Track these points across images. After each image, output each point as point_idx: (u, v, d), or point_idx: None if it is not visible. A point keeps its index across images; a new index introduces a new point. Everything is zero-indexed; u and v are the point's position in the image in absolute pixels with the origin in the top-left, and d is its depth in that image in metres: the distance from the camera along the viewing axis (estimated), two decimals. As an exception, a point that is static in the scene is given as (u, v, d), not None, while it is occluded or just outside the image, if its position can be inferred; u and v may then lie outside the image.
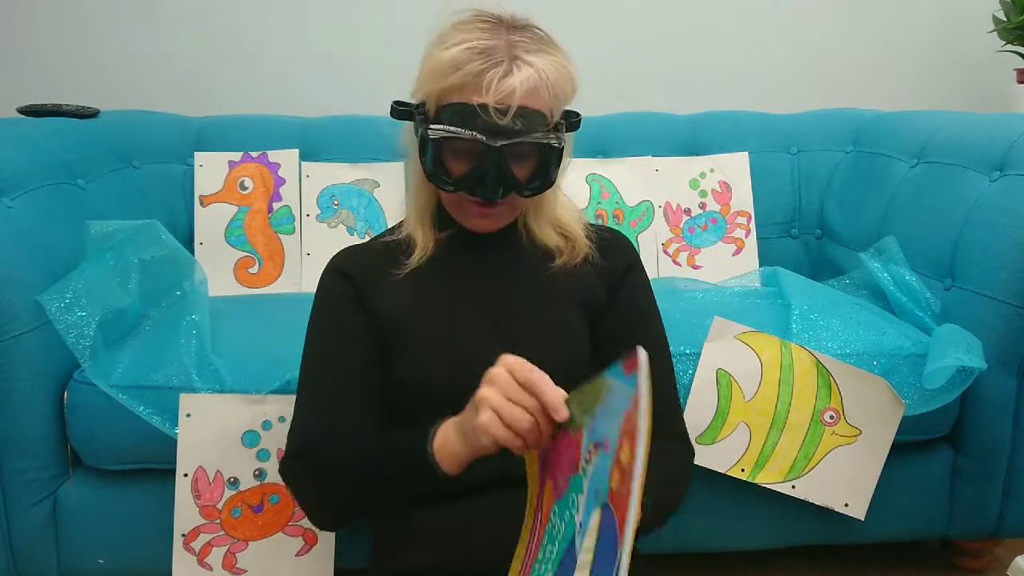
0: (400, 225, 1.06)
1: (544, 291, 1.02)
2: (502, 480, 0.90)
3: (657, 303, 1.08)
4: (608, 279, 1.04)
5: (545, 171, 0.94)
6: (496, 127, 0.88)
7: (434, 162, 0.92)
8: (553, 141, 0.92)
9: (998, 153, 1.34)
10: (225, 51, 2.03)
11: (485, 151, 0.89)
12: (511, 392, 0.73)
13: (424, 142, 0.92)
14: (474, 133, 0.88)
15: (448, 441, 0.81)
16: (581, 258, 1.04)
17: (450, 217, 1.01)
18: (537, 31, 0.93)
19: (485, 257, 1.02)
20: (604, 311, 1.03)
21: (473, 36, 0.89)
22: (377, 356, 0.99)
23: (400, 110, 0.96)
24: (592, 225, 1.09)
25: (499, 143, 0.89)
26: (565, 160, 0.96)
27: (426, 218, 1.01)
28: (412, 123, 0.97)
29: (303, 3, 2.03)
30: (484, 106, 0.87)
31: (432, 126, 0.90)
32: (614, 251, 1.06)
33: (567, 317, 1.01)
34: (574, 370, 0.98)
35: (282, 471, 1.00)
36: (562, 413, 0.71)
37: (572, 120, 0.96)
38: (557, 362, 0.97)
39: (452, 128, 0.89)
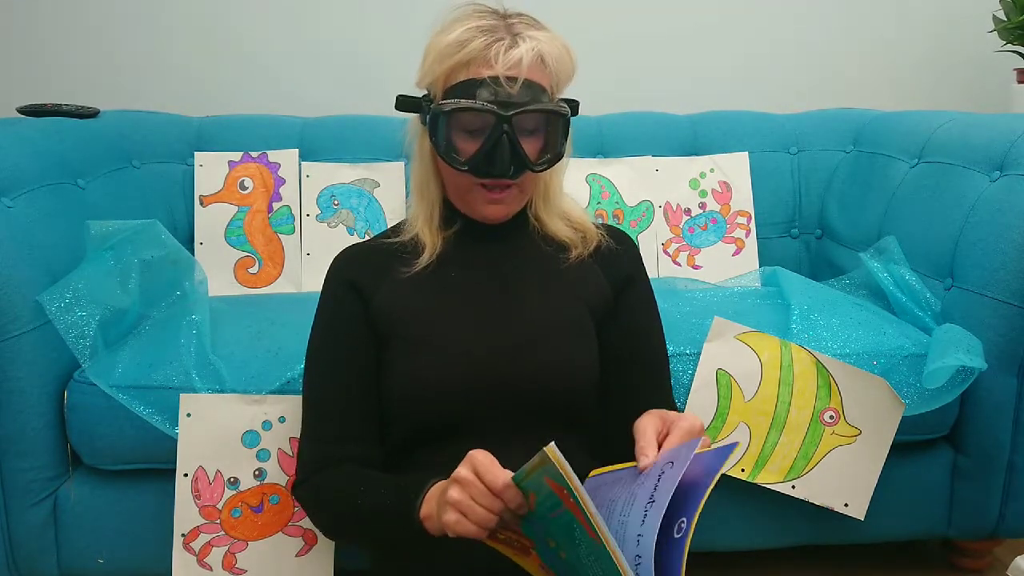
0: (400, 227, 1.06)
1: (553, 288, 1.02)
2: None
3: (658, 304, 1.08)
4: (614, 282, 1.05)
5: (554, 144, 0.96)
6: (506, 97, 0.90)
7: (446, 140, 0.93)
8: (561, 108, 0.93)
9: (998, 153, 1.34)
10: (225, 51, 2.03)
11: (495, 123, 0.90)
12: (477, 495, 0.76)
13: (435, 119, 0.93)
14: (484, 103, 0.90)
15: (431, 512, 0.85)
16: (594, 247, 1.04)
17: (456, 212, 1.01)
18: (531, 17, 0.96)
19: (495, 252, 1.02)
20: (608, 314, 1.03)
21: (472, 21, 0.92)
22: (378, 371, 1.00)
23: (406, 101, 0.98)
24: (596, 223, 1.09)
25: (510, 113, 0.90)
26: (567, 149, 0.97)
27: (434, 216, 1.02)
28: (417, 116, 0.98)
29: (303, 3, 2.03)
30: (495, 78, 0.90)
31: (442, 101, 0.92)
32: (621, 250, 1.07)
33: (576, 315, 1.01)
34: (580, 368, 0.98)
35: (293, 495, 1.06)
36: (525, 510, 0.76)
37: (572, 106, 0.97)
38: (564, 360, 0.98)
39: (463, 100, 0.91)
